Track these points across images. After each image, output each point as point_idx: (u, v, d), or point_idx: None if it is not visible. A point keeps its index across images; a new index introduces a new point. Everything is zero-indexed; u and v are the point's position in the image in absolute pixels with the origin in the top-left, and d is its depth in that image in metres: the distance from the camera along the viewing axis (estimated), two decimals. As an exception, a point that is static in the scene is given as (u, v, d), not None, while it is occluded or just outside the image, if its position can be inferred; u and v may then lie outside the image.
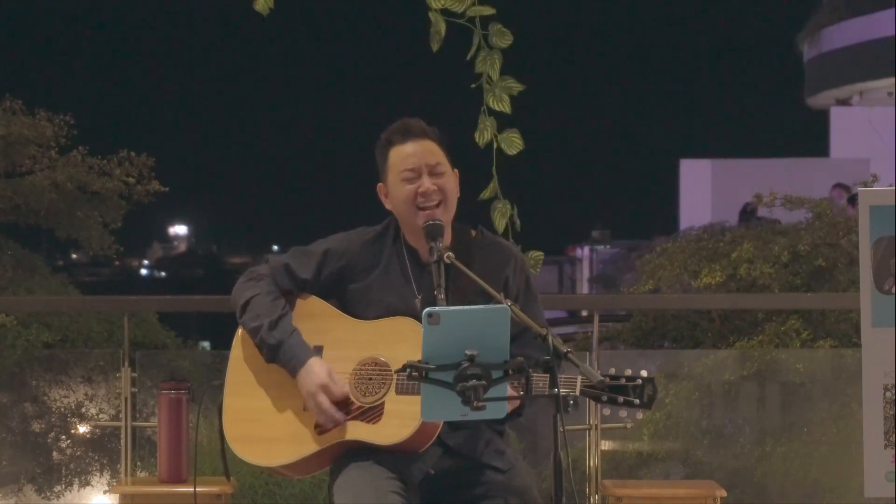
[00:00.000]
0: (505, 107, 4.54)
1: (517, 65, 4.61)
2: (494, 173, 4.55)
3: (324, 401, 3.31)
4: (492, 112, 4.54)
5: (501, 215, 4.54)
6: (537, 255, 4.55)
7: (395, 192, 3.43)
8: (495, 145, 4.53)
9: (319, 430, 3.35)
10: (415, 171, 3.39)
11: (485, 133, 4.53)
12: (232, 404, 3.46)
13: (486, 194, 4.55)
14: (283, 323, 3.41)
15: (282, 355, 3.38)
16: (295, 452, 3.36)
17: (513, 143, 4.53)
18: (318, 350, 3.41)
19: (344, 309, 3.47)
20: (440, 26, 4.48)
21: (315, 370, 3.34)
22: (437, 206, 3.37)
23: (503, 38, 4.54)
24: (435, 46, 4.52)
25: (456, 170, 3.48)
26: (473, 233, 3.50)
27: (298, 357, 3.36)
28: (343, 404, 3.35)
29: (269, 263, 3.53)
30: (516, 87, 4.56)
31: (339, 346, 3.40)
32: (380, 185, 3.48)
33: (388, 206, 3.48)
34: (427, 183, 3.38)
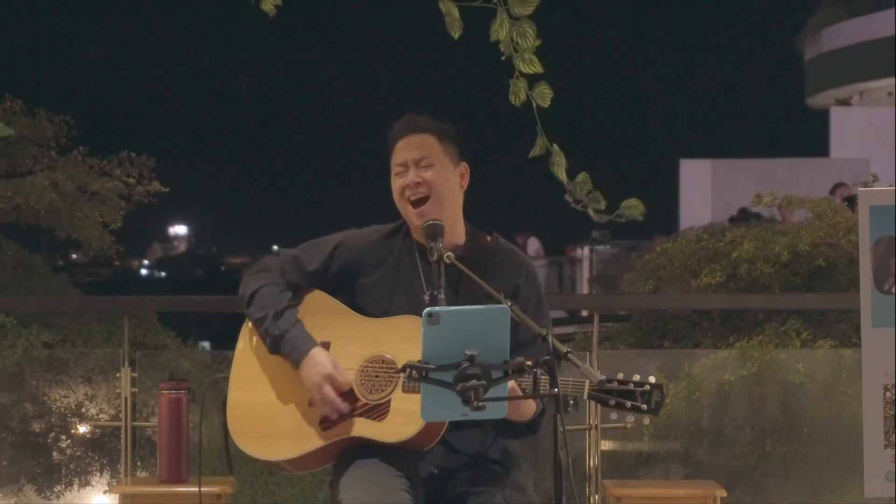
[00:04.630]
0: (537, 67, 4.45)
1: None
2: (540, 130, 4.48)
3: (329, 392, 3.31)
4: (523, 74, 4.46)
5: (559, 167, 4.47)
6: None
7: (392, 186, 3.45)
8: (534, 104, 4.46)
9: (324, 425, 3.35)
10: (403, 165, 3.41)
11: (519, 94, 4.45)
12: (236, 398, 3.46)
13: (535, 152, 4.47)
14: (287, 314, 3.41)
15: (284, 346, 3.38)
16: (298, 448, 3.36)
17: (544, 95, 4.45)
18: (326, 346, 3.41)
19: (352, 305, 3.47)
20: (454, 13, 4.42)
21: (319, 360, 3.34)
22: (426, 200, 3.37)
23: (525, 6, 4.44)
24: (456, 34, 4.45)
25: (464, 163, 3.46)
26: (488, 238, 3.50)
27: (301, 348, 3.36)
28: (348, 400, 3.35)
29: (279, 256, 3.54)
30: (536, 40, 4.43)
31: (346, 342, 3.40)
32: None
33: None
34: (411, 175, 3.39)
